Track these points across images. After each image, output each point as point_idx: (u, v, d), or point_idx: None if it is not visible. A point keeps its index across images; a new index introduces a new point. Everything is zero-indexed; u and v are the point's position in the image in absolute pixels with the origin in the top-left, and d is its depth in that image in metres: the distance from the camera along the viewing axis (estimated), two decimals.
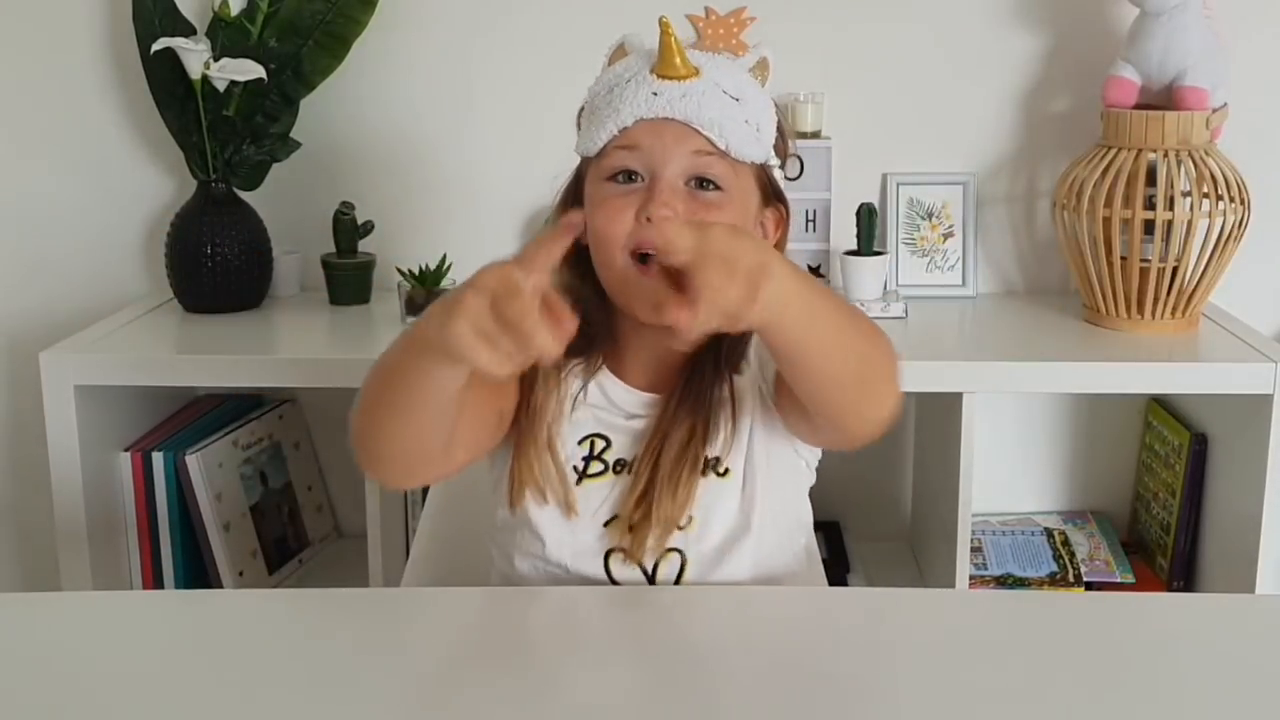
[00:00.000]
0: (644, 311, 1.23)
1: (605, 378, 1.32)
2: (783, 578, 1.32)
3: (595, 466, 1.29)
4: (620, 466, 1.29)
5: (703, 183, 1.24)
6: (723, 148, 1.23)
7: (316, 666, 1.10)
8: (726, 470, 1.28)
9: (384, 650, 1.13)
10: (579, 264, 1.28)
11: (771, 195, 1.30)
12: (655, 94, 1.23)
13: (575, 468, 1.29)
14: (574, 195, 1.30)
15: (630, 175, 1.24)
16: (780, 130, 1.31)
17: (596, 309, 1.29)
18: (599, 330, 1.30)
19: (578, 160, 1.29)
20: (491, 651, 1.16)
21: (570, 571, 1.27)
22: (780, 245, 1.32)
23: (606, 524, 1.28)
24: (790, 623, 1.21)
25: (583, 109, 1.31)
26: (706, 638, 1.20)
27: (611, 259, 1.24)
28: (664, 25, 1.23)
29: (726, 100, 1.24)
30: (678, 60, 1.23)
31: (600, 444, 1.29)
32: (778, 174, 1.31)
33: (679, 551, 1.27)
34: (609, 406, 1.31)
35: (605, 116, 1.24)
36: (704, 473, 1.28)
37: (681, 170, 1.23)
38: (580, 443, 1.29)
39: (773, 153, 1.29)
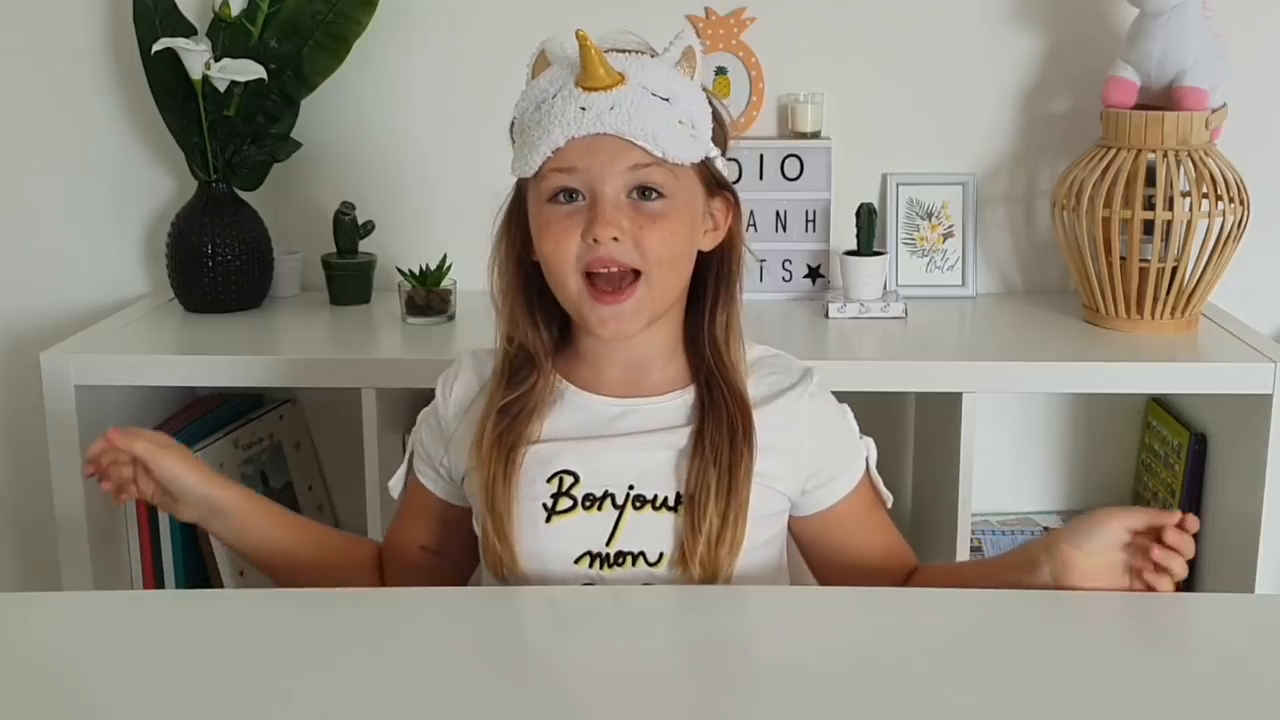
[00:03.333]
0: (600, 329, 1.25)
1: (576, 397, 1.32)
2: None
3: (564, 503, 1.28)
4: (589, 502, 1.28)
5: (645, 191, 1.24)
6: (659, 156, 1.22)
7: (316, 666, 1.10)
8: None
9: (384, 650, 1.13)
10: (522, 284, 1.30)
11: (716, 186, 1.30)
12: (583, 109, 1.22)
13: (545, 505, 1.28)
14: (517, 212, 1.30)
15: (571, 194, 1.24)
16: (717, 119, 1.30)
17: (544, 333, 1.31)
18: (547, 353, 1.32)
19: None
20: (492, 651, 1.16)
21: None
22: (734, 232, 1.32)
23: (576, 560, 1.29)
24: (790, 623, 1.21)
25: (514, 123, 1.30)
26: (706, 637, 1.20)
27: (564, 282, 1.25)
28: (581, 38, 1.22)
29: (656, 103, 1.23)
30: (601, 70, 1.22)
31: (569, 480, 1.29)
32: (721, 163, 1.30)
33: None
34: (583, 429, 1.30)
35: (537, 137, 1.23)
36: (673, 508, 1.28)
37: (621, 186, 1.23)
38: (549, 480, 1.29)
39: (712, 145, 1.28)
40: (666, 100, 1.24)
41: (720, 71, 2.12)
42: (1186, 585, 2.02)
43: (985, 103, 2.14)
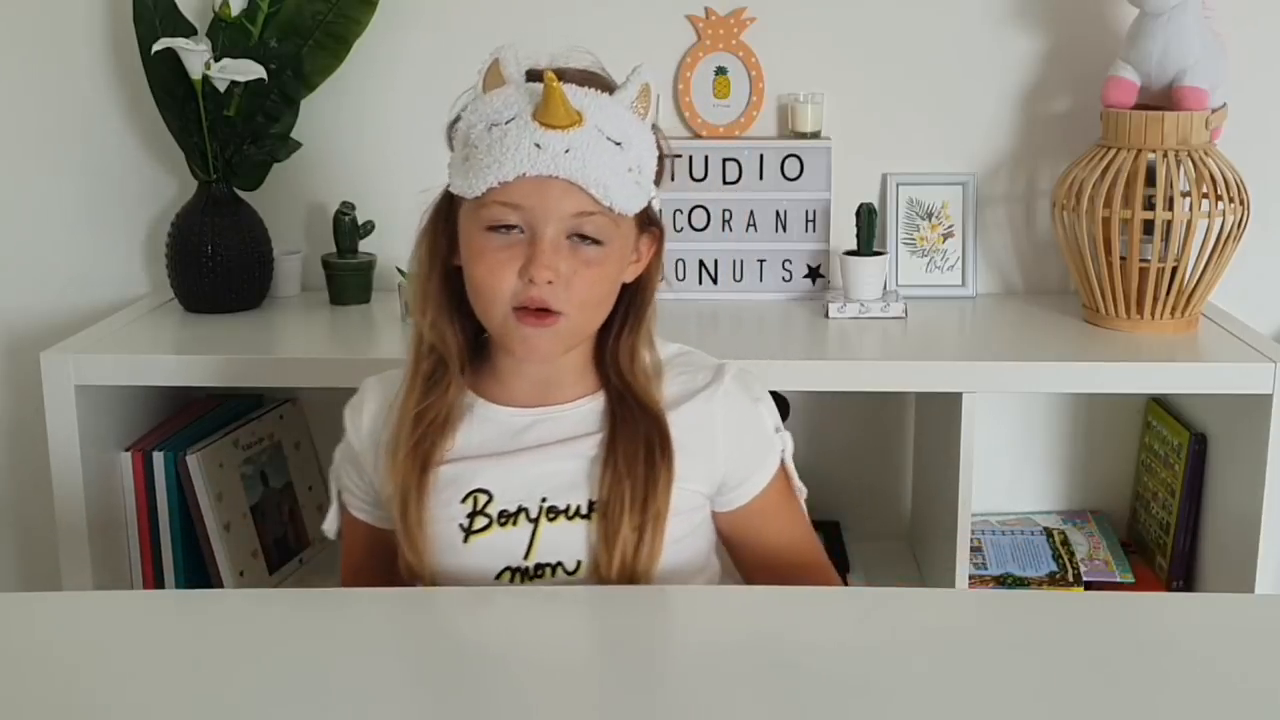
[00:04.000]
0: (520, 348, 1.26)
1: (485, 410, 1.32)
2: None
3: (480, 522, 1.29)
4: (504, 518, 1.29)
5: (584, 236, 1.24)
6: (606, 206, 1.23)
7: (316, 666, 1.10)
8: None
9: (383, 650, 1.13)
10: (445, 290, 1.30)
11: (647, 222, 1.31)
12: (538, 146, 1.21)
13: (461, 525, 1.29)
14: (445, 218, 1.30)
15: (510, 226, 1.24)
16: (660, 154, 1.31)
17: (458, 343, 1.31)
18: (460, 363, 1.31)
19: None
20: (491, 651, 1.16)
21: None
22: (652, 266, 1.33)
23: (497, 576, 1.29)
24: (790, 623, 1.21)
25: (454, 126, 1.30)
26: (706, 637, 1.20)
27: (492, 312, 1.26)
28: (549, 79, 1.21)
29: (609, 149, 1.23)
30: (562, 110, 1.21)
31: (483, 498, 1.29)
32: (656, 201, 1.31)
33: None
34: (495, 444, 1.31)
35: (486, 163, 1.22)
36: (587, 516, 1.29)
37: (563, 229, 1.24)
38: (463, 500, 1.29)
39: (653, 187, 1.29)
40: (619, 145, 1.24)
41: (720, 71, 2.12)
42: (1186, 585, 2.03)
43: (985, 103, 2.14)
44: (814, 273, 2.12)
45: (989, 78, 2.12)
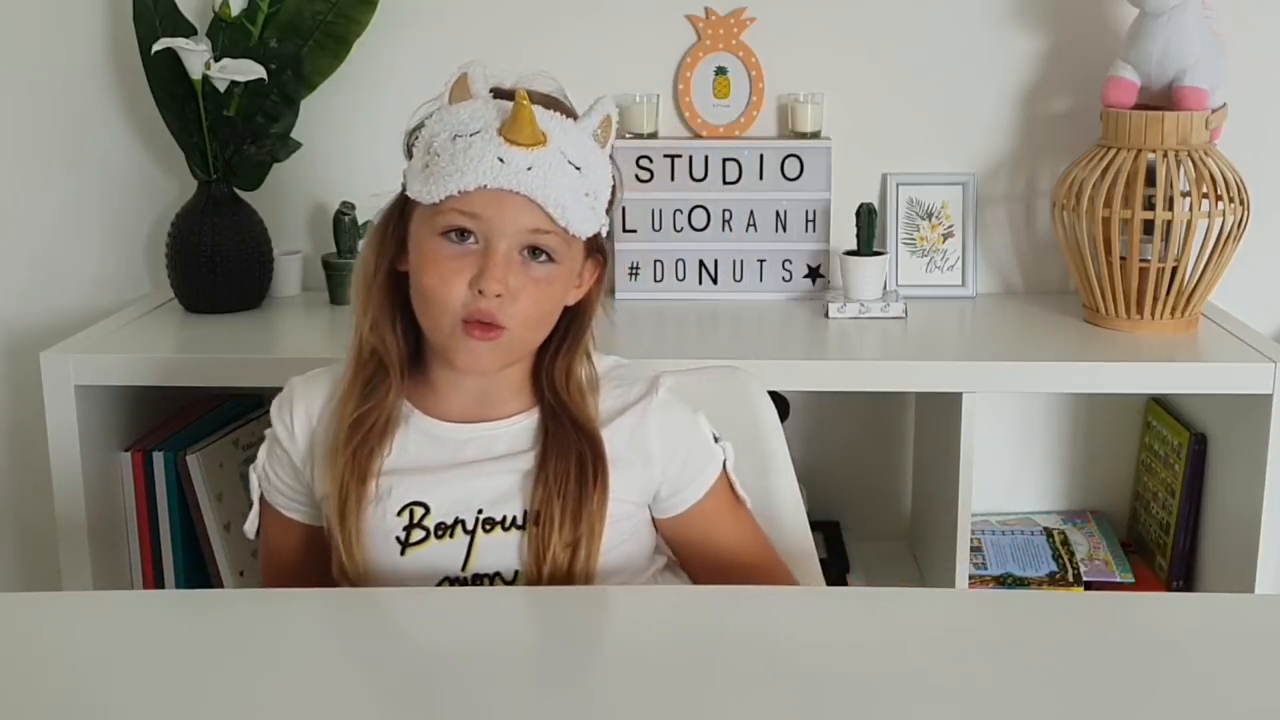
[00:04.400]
0: (460, 359, 1.27)
1: (422, 423, 1.32)
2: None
3: (417, 534, 1.30)
4: (441, 530, 1.29)
5: (535, 251, 1.26)
6: (562, 226, 1.25)
7: (316, 666, 1.10)
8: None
9: (383, 650, 1.13)
10: (390, 295, 1.30)
11: (594, 249, 1.32)
12: (502, 160, 1.23)
13: (398, 538, 1.29)
14: (397, 221, 1.30)
15: (464, 233, 1.25)
16: (616, 185, 1.33)
17: (405, 348, 1.31)
18: (399, 371, 1.31)
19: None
20: (491, 651, 1.16)
21: None
22: (592, 293, 1.34)
23: (436, 586, 1.30)
24: (790, 623, 1.21)
25: (415, 133, 1.31)
26: (705, 637, 1.20)
27: (440, 322, 1.26)
28: (520, 97, 1.23)
29: (569, 172, 1.25)
30: (529, 129, 1.23)
31: (420, 511, 1.30)
32: (605, 229, 1.33)
33: None
34: (430, 457, 1.31)
35: (447, 172, 1.24)
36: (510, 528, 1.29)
37: (516, 243, 1.25)
38: (399, 513, 1.30)
39: (604, 216, 1.31)
40: (579, 169, 1.26)
41: (720, 71, 2.12)
42: (1186, 585, 2.03)
43: (985, 103, 2.14)
44: (814, 273, 2.12)
45: (989, 78, 2.12)
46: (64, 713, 1.03)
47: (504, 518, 1.29)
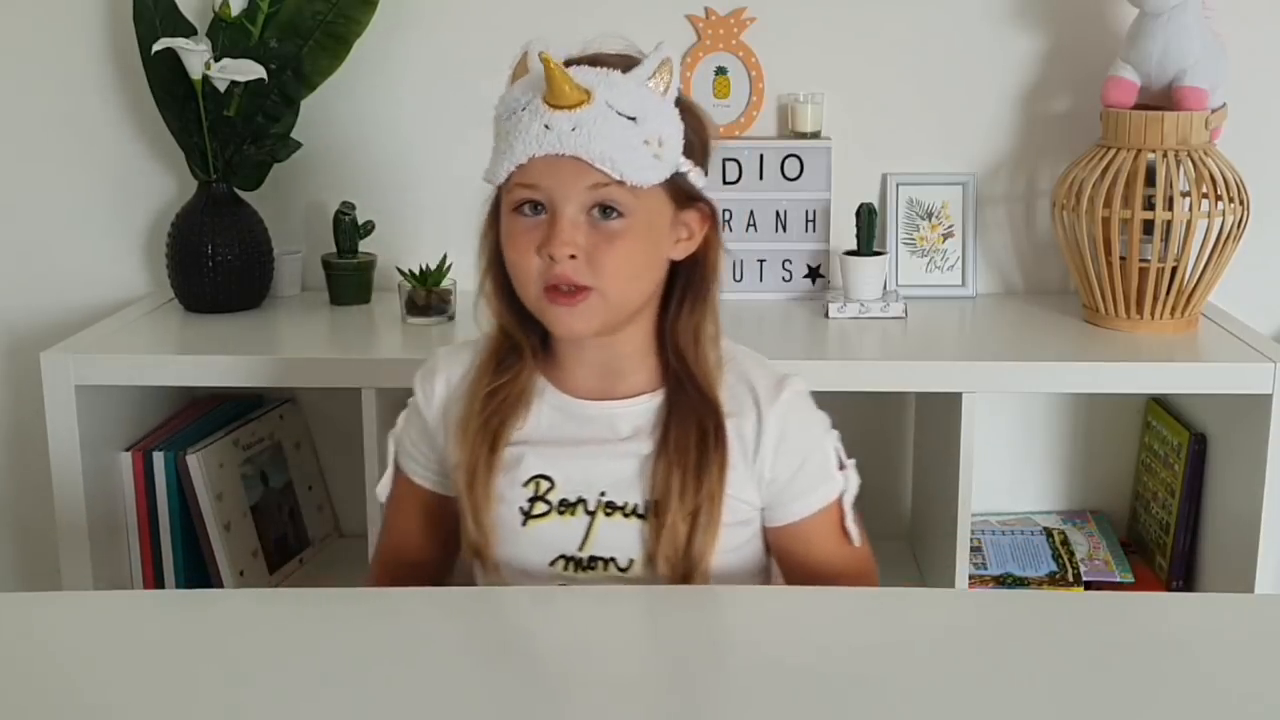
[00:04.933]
0: (556, 325, 1.28)
1: (554, 396, 1.34)
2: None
3: (540, 507, 1.32)
4: (564, 507, 1.31)
5: (605, 209, 1.25)
6: (618, 179, 1.24)
7: (316, 666, 1.10)
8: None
9: (384, 650, 1.13)
10: (504, 279, 1.31)
11: (687, 198, 1.31)
12: (547, 127, 1.23)
13: (521, 509, 1.32)
14: (497, 212, 1.32)
15: (535, 205, 1.26)
16: (694, 130, 1.30)
17: (527, 325, 1.32)
18: (531, 347, 1.33)
19: None
20: (491, 651, 1.16)
21: None
22: (711, 241, 1.32)
23: (551, 563, 1.31)
24: (790, 623, 1.21)
25: (495, 124, 1.31)
26: (705, 637, 1.20)
27: (527, 293, 1.28)
28: (544, 59, 1.23)
29: (621, 124, 1.24)
30: (566, 88, 1.23)
31: (545, 484, 1.32)
32: (694, 176, 1.30)
33: None
34: (559, 431, 1.32)
35: (504, 149, 1.26)
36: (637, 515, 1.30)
37: (581, 204, 1.25)
38: (525, 484, 1.32)
39: (682, 160, 1.28)
40: (633, 119, 1.24)
41: (720, 71, 2.12)
42: (1186, 585, 2.03)
43: (985, 103, 2.13)
44: (814, 273, 2.12)
45: (989, 78, 2.12)
46: (63, 713, 1.03)
47: (625, 504, 1.31)
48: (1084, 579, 2.04)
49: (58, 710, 1.04)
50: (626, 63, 1.29)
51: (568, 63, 1.26)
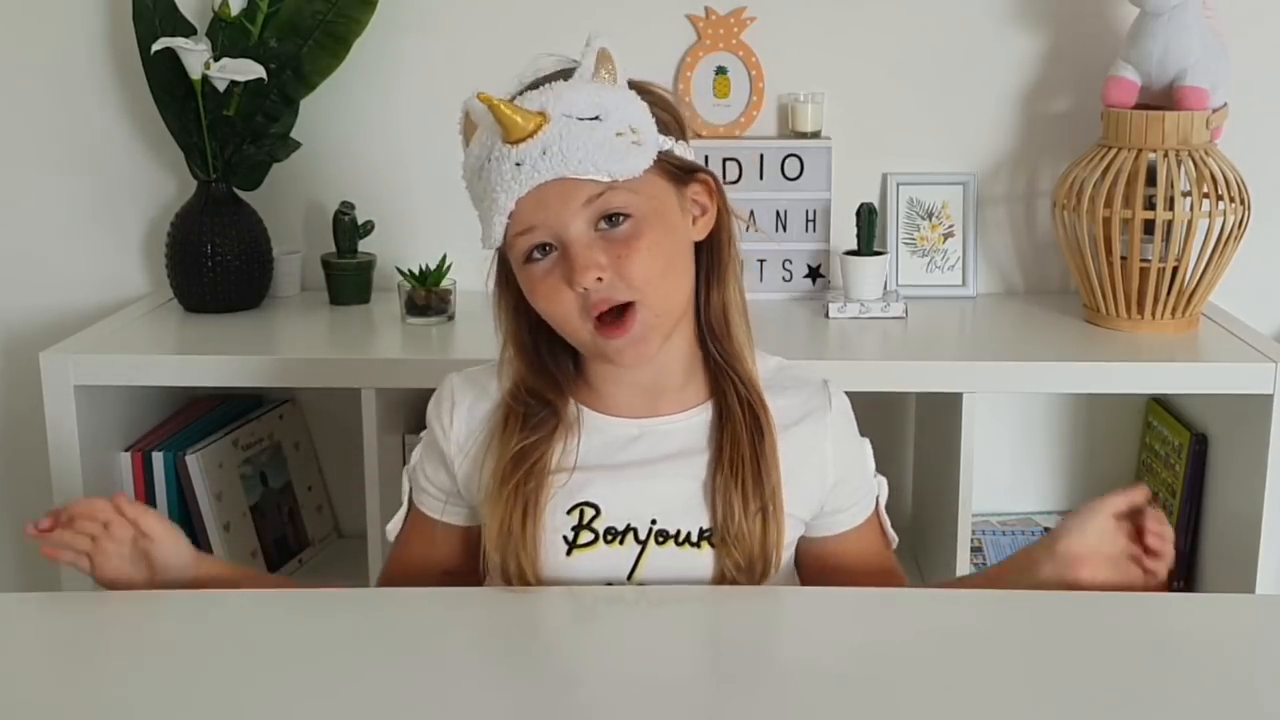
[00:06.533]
0: (619, 359, 1.22)
1: (592, 419, 1.29)
2: None
3: (585, 536, 1.26)
4: (611, 535, 1.26)
5: (610, 218, 1.21)
6: (608, 181, 1.19)
7: (316, 666, 1.10)
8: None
9: (384, 650, 1.13)
10: (526, 339, 1.28)
11: (685, 174, 1.26)
12: (518, 164, 1.19)
13: (565, 538, 1.26)
14: (505, 275, 1.28)
15: (543, 247, 1.21)
16: (662, 106, 1.26)
17: (555, 369, 1.28)
18: (562, 390, 1.28)
19: None
20: (491, 651, 1.16)
21: None
22: (722, 209, 1.28)
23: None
24: (790, 623, 1.21)
25: (470, 194, 1.28)
26: (705, 637, 1.20)
27: (577, 335, 1.23)
28: (485, 100, 1.19)
29: (586, 128, 1.19)
30: (518, 120, 1.19)
31: (590, 512, 1.26)
32: (681, 150, 1.26)
33: None
34: (602, 455, 1.28)
35: (488, 208, 1.22)
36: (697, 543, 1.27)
37: (585, 223, 1.20)
38: (569, 512, 1.26)
39: (662, 138, 1.24)
40: (596, 119, 1.20)
41: (720, 71, 2.12)
42: (1186, 585, 2.03)
43: (985, 103, 2.13)
44: (814, 273, 2.12)
45: (989, 78, 2.12)
46: (62, 713, 1.03)
47: (678, 532, 1.26)
48: None
49: (58, 710, 1.04)
50: (566, 73, 1.25)
51: (510, 100, 1.23)
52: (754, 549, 1.25)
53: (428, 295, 1.98)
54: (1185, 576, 2.03)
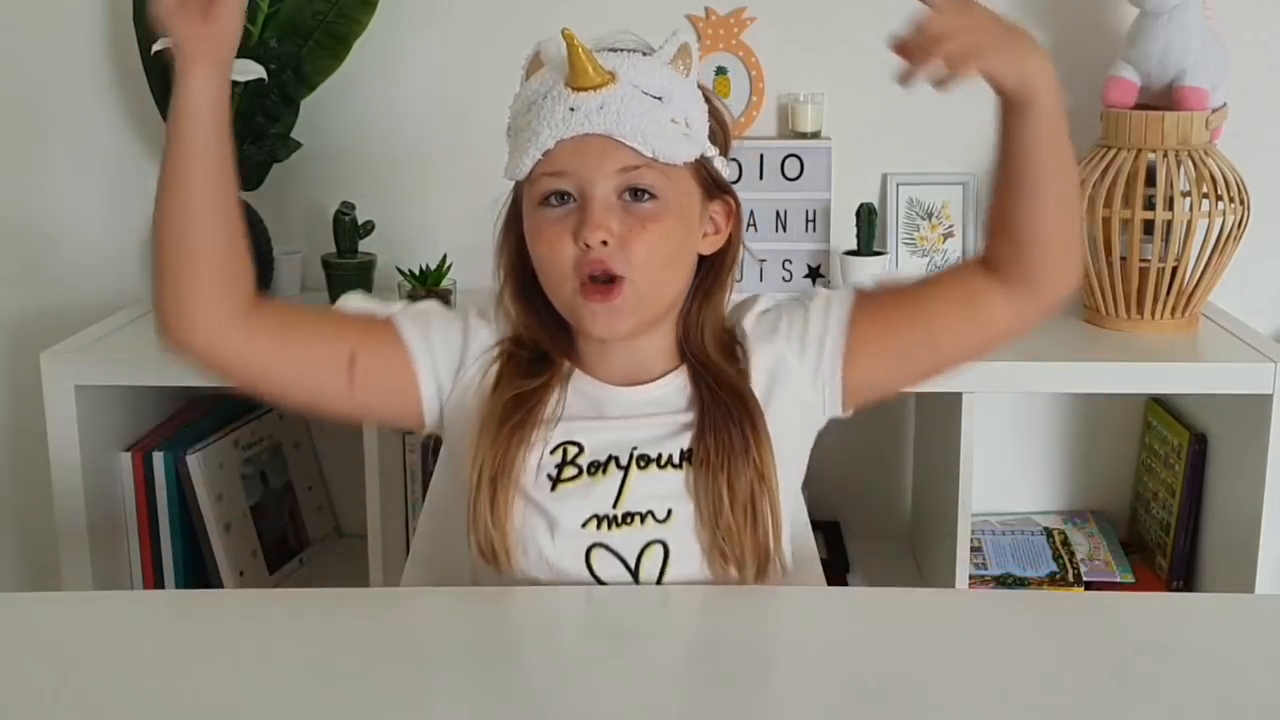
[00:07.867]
0: (591, 324, 1.23)
1: (580, 381, 1.30)
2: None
3: (569, 471, 1.26)
4: (594, 468, 1.26)
5: (636, 193, 1.21)
6: (649, 156, 1.20)
7: (316, 666, 1.10)
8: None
9: (384, 650, 1.13)
10: (525, 284, 1.28)
11: (715, 188, 1.28)
12: (572, 109, 1.20)
13: (549, 475, 1.26)
14: (515, 215, 1.28)
15: (563, 196, 1.22)
16: (716, 118, 1.28)
17: (551, 325, 1.29)
18: (557, 345, 1.29)
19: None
20: (491, 651, 1.16)
21: (553, 567, 1.25)
22: (734, 238, 1.30)
23: (584, 525, 1.26)
24: (790, 623, 1.21)
25: (509, 126, 1.28)
26: (704, 638, 1.20)
27: (559, 288, 1.23)
28: (568, 37, 1.20)
29: (648, 102, 1.21)
30: (590, 68, 1.20)
31: (573, 450, 1.27)
32: (719, 164, 1.28)
33: (662, 543, 1.25)
34: (587, 410, 1.28)
35: (526, 140, 1.22)
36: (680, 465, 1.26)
37: (612, 187, 1.21)
38: (553, 451, 1.27)
39: (709, 144, 1.26)
40: (659, 99, 1.22)
41: (720, 71, 2.12)
42: (1186, 585, 2.03)
43: (985, 103, 2.11)
44: (814, 273, 2.12)
45: None
46: (63, 713, 1.03)
47: (659, 455, 1.26)
48: (1084, 579, 2.04)
49: (57, 710, 1.04)
50: (644, 52, 1.27)
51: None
52: (745, 545, 1.25)
53: (428, 295, 1.98)
54: (1185, 576, 2.04)
